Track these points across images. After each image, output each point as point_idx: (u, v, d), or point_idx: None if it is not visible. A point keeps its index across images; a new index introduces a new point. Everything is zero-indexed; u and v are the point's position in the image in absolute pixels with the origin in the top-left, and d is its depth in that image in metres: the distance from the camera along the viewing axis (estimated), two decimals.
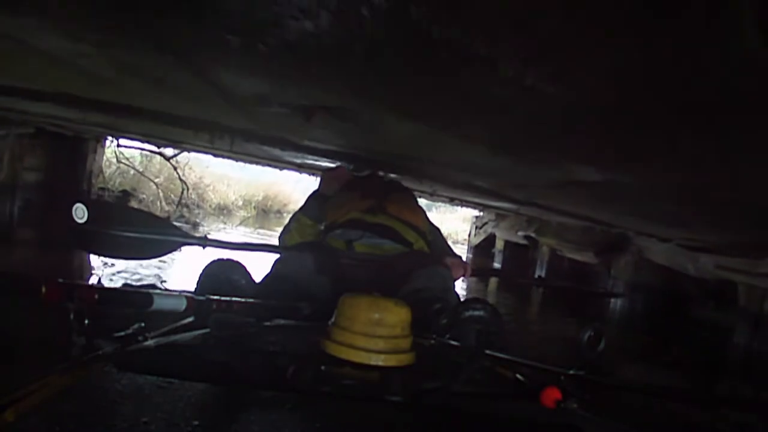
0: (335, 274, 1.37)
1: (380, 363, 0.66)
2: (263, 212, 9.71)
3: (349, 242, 1.50)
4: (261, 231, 6.75)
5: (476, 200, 3.40)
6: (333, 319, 0.72)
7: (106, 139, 4.67)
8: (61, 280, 0.60)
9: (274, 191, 10.19)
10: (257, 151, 2.32)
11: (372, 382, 0.58)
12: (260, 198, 9.83)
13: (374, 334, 0.67)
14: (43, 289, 0.57)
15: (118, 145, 5.42)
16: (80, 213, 1.04)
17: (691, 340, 3.27)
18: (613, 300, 3.82)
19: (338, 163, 2.02)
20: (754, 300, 2.84)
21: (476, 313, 0.93)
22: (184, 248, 1.42)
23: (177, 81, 1.00)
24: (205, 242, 1.38)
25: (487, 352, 0.76)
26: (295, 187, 10.01)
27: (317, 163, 2.39)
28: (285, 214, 10.37)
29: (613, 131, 0.82)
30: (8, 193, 3.65)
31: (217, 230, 6.23)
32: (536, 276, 4.67)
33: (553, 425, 0.57)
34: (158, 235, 1.21)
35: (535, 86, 0.64)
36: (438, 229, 1.82)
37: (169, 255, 1.51)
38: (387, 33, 0.57)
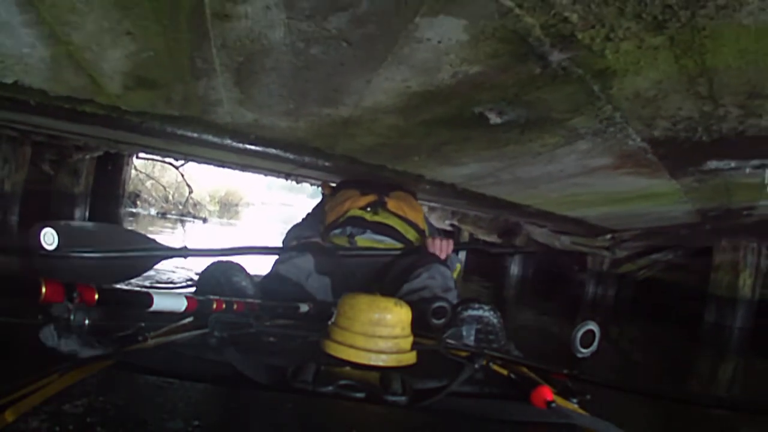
0: (335, 274, 1.37)
1: (380, 363, 0.66)
2: (225, 206, 11.85)
3: (351, 236, 1.52)
4: (225, 220, 8.30)
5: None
6: (333, 319, 0.72)
7: (137, 154, 5.78)
8: (61, 280, 0.60)
9: (233, 187, 12.51)
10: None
11: (372, 382, 0.58)
12: (223, 194, 11.98)
13: (374, 334, 0.67)
14: (43, 289, 0.57)
15: (137, 157, 6.40)
16: (49, 239, 0.93)
17: (563, 292, 5.39)
18: (511, 266, 5.92)
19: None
20: (597, 263, 4.90)
21: (476, 312, 0.93)
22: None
23: None
24: (186, 252, 1.35)
25: (487, 351, 0.76)
26: (248, 184, 13.14)
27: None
28: (240, 208, 12.79)
29: None
30: (85, 202, 5.12)
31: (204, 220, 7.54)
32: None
33: (549, 425, 0.57)
34: (136, 252, 1.15)
35: None
36: (437, 230, 1.82)
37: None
38: None
